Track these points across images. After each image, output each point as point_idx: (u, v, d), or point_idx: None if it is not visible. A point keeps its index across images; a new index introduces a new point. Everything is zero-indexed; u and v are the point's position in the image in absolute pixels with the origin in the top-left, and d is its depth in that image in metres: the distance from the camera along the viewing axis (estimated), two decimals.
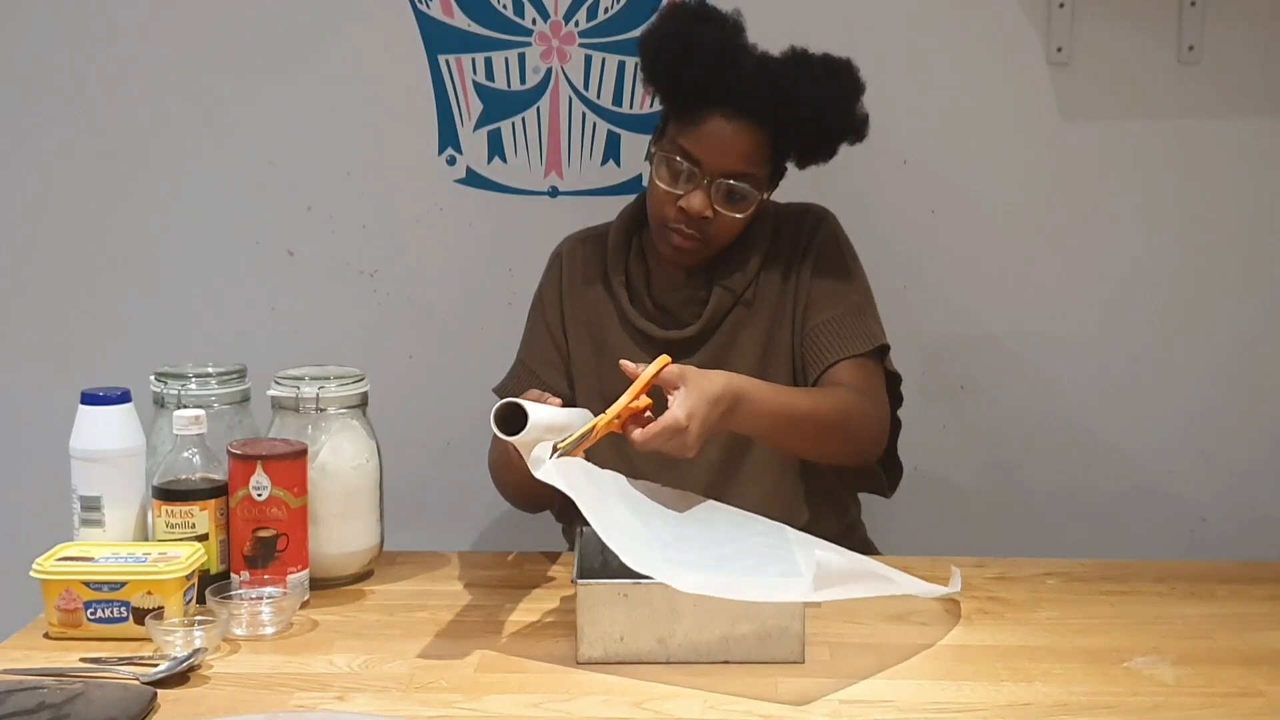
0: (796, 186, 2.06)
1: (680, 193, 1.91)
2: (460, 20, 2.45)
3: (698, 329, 1.99)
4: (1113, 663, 1.54)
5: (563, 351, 2.06)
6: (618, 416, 1.65)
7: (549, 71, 2.46)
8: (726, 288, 1.99)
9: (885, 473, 2.05)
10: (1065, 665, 1.53)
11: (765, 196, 1.97)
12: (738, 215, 1.93)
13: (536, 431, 1.58)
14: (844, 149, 1.99)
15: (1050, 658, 1.56)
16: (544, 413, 1.60)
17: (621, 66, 2.43)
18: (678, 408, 1.65)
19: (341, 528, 1.78)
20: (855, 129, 1.96)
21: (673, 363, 1.72)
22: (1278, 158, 2.44)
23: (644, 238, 2.06)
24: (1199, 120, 2.43)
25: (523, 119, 2.47)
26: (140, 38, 2.48)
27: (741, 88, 1.90)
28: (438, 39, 2.45)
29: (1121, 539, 2.52)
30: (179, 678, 1.47)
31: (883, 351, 2.00)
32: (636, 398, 1.67)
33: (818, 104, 1.91)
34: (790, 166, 2.01)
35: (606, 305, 2.03)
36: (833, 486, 2.06)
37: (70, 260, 2.54)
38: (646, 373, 1.68)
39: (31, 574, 1.60)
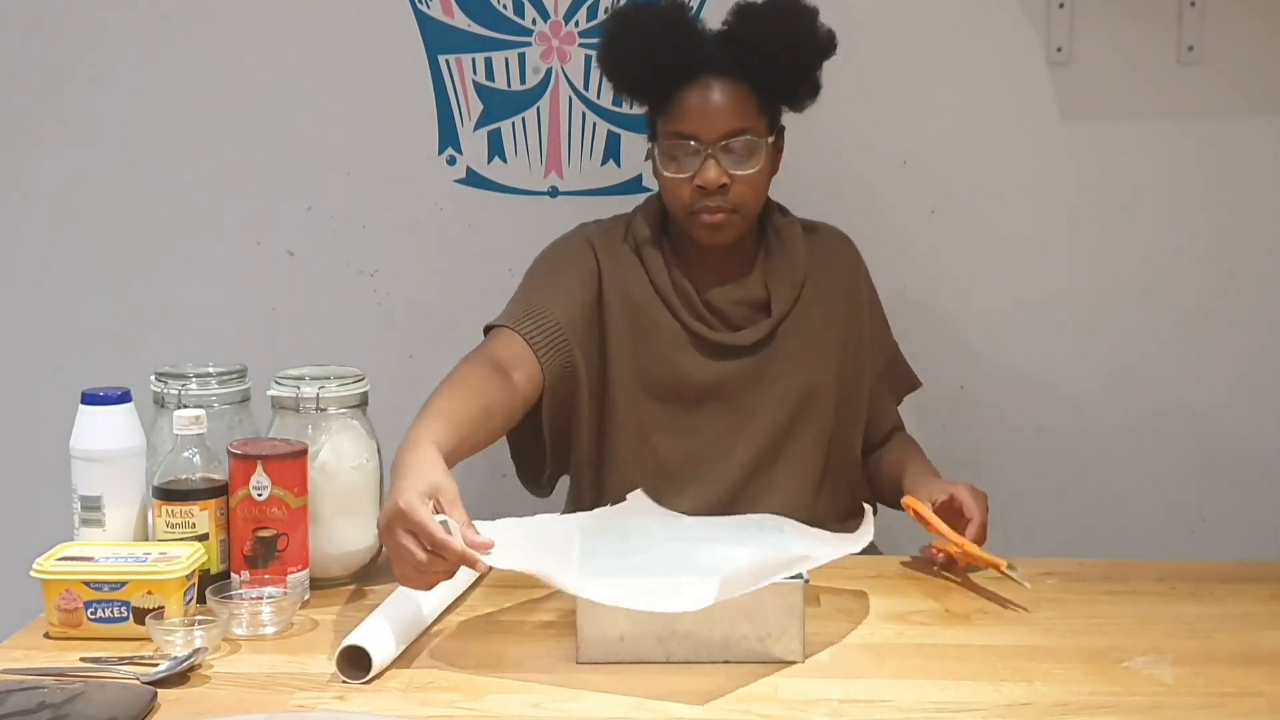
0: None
1: (691, 173, 1.92)
2: (460, 20, 2.45)
3: (761, 334, 2.00)
4: (1112, 663, 1.54)
5: (591, 319, 2.00)
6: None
7: (549, 71, 2.46)
8: (787, 292, 2.01)
9: None
10: (1065, 665, 1.53)
11: (772, 141, 1.97)
12: (753, 170, 1.93)
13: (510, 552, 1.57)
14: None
15: (1050, 658, 1.56)
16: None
17: None
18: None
19: (341, 528, 1.78)
20: (823, 47, 1.97)
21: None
22: (1278, 158, 2.44)
23: (672, 240, 2.04)
24: (1199, 120, 2.43)
25: (523, 119, 2.47)
26: (140, 38, 2.48)
27: (703, 53, 1.93)
28: (438, 39, 2.45)
29: (1121, 539, 2.52)
30: (179, 677, 1.47)
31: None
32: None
33: (778, 35, 1.92)
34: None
35: (656, 303, 2.00)
36: (846, 500, 2.07)
37: (70, 260, 2.54)
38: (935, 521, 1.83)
39: (31, 574, 1.60)
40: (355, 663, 1.48)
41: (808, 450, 2.02)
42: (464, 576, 1.74)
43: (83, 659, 1.52)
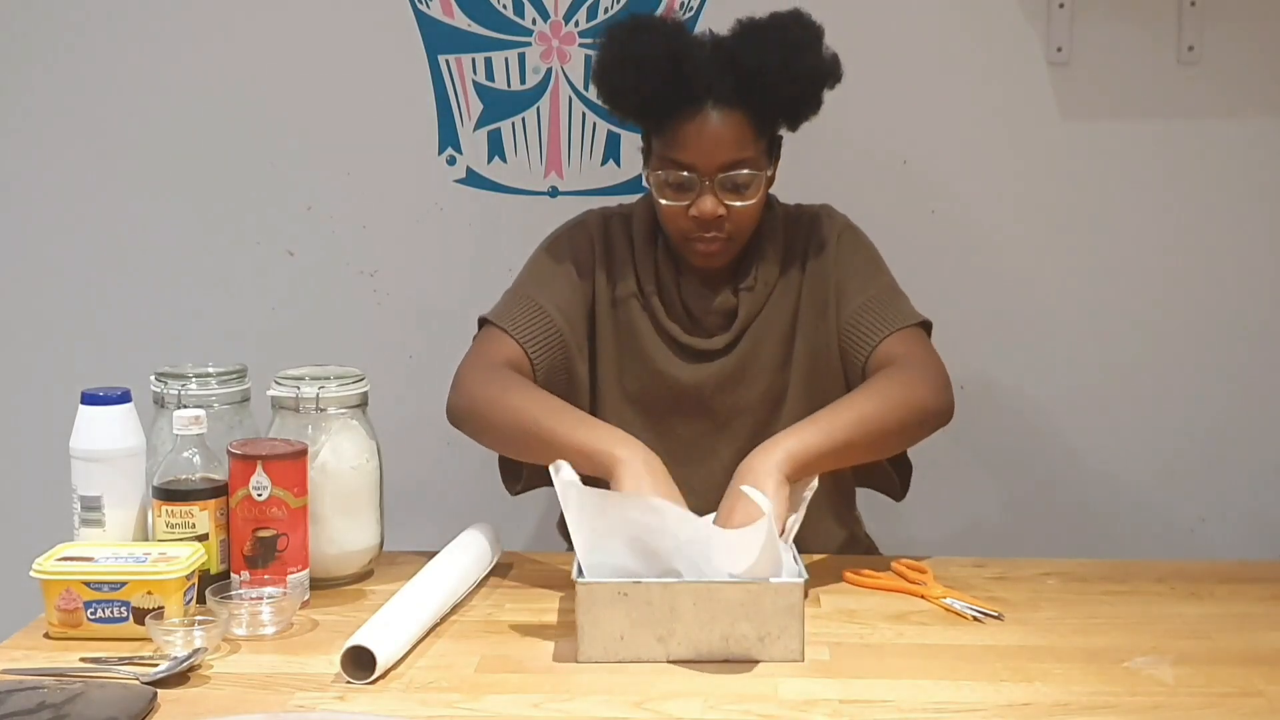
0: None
1: (687, 203, 1.90)
2: (460, 20, 2.45)
3: (727, 340, 1.98)
4: (1113, 663, 1.54)
5: (589, 313, 2.00)
6: None
7: (549, 71, 2.46)
8: (752, 299, 1.98)
9: (896, 471, 2.04)
10: (1065, 665, 1.53)
11: (770, 173, 1.95)
12: (750, 202, 1.91)
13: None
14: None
15: (1050, 658, 1.56)
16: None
17: None
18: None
19: (341, 528, 1.78)
20: (827, 72, 1.91)
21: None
22: (1278, 158, 2.44)
23: (668, 240, 2.03)
24: (1199, 120, 2.43)
25: (523, 119, 2.47)
26: (141, 38, 2.48)
27: (704, 80, 1.87)
28: (438, 39, 2.45)
29: (1121, 539, 2.52)
30: (179, 678, 1.47)
31: (926, 327, 1.98)
32: None
33: (781, 64, 1.87)
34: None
35: (636, 301, 2.00)
36: (835, 495, 2.05)
37: (70, 260, 2.55)
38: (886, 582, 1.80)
39: (31, 574, 1.60)
40: (359, 663, 1.48)
41: None
42: (466, 575, 1.74)
43: (83, 659, 1.52)
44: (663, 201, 1.91)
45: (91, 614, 1.58)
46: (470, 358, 1.94)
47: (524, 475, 2.00)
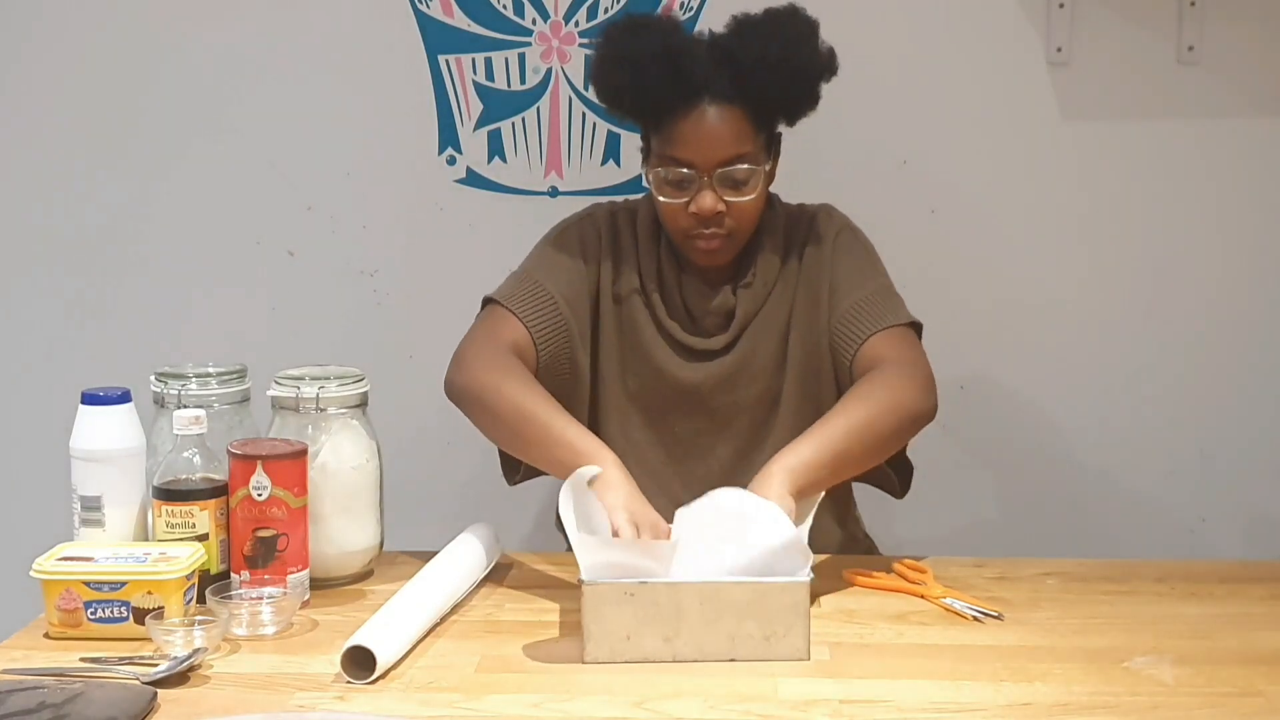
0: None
1: (686, 199, 1.90)
2: (460, 20, 2.45)
3: (725, 341, 1.98)
4: (1113, 663, 1.54)
5: (593, 305, 2.00)
6: None
7: (549, 71, 2.46)
8: (750, 297, 1.98)
9: (895, 472, 2.04)
10: (1065, 665, 1.53)
11: (769, 169, 1.95)
12: (750, 197, 1.91)
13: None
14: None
15: (1050, 658, 1.56)
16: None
17: None
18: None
19: (341, 528, 1.78)
20: (824, 66, 1.91)
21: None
22: (1278, 158, 2.45)
23: (671, 236, 2.03)
24: (1199, 120, 2.44)
25: (523, 119, 2.48)
26: (141, 37, 2.48)
27: (700, 78, 1.87)
28: (438, 39, 2.45)
29: (1121, 538, 2.52)
30: (179, 678, 1.47)
31: (917, 329, 1.97)
32: None
33: (777, 59, 1.87)
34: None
35: (638, 298, 2.00)
36: (834, 495, 2.05)
37: (70, 260, 2.55)
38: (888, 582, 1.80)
39: (31, 574, 1.60)
40: (359, 663, 1.48)
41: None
42: (466, 576, 1.74)
43: (83, 659, 1.52)
44: (662, 199, 1.92)
45: (91, 614, 1.58)
46: (475, 336, 1.93)
47: (522, 465, 2.00)
